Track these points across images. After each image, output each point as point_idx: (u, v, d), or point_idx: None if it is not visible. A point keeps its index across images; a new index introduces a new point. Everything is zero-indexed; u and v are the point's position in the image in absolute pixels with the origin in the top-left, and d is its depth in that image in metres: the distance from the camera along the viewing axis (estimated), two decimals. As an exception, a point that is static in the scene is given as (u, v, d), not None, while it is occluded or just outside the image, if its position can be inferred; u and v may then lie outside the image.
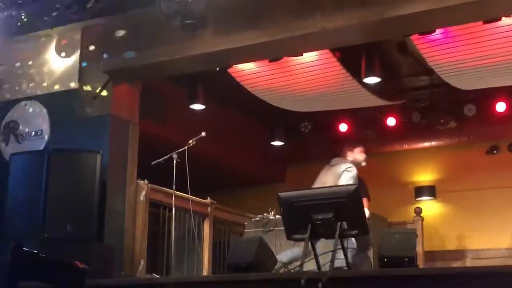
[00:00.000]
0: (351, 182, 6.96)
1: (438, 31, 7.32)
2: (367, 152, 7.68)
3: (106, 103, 7.48)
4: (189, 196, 7.37)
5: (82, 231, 6.68)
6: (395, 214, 9.93)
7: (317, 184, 7.25)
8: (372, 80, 8.45)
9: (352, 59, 8.25)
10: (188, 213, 7.63)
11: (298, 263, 5.17)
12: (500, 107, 9.91)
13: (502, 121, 9.99)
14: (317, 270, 5.16)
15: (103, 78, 7.49)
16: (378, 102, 9.40)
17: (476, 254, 10.11)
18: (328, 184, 6.92)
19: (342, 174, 7.14)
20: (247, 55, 7.35)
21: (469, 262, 10.08)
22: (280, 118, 10.91)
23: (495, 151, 10.70)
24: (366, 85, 8.66)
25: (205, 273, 8.19)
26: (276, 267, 5.83)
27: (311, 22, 6.41)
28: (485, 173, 10.48)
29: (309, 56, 7.96)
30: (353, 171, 7.17)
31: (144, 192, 7.53)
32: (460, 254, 10.36)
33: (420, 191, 11.10)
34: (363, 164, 7.36)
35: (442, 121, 10.26)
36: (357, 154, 7.40)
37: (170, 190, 7.14)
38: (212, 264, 8.46)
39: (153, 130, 8.94)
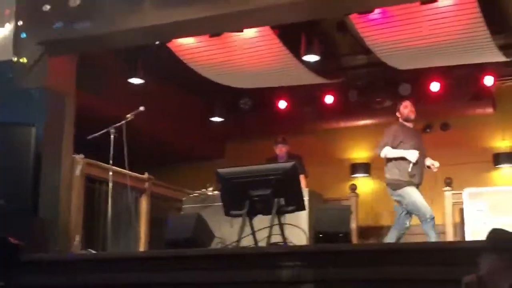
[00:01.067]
0: (385, 138, 7.12)
1: (376, 10, 7.43)
2: (308, 128, 7.75)
3: (42, 75, 7.30)
4: (126, 171, 7.32)
5: (16, 205, 6.55)
6: (331, 190, 10.08)
7: None
8: (311, 58, 8.53)
9: (292, 37, 8.31)
10: (125, 188, 7.57)
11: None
12: (434, 86, 10.14)
13: (435, 101, 10.23)
14: (254, 246, 5.22)
15: (38, 50, 7.31)
16: (317, 80, 9.49)
17: (408, 230, 10.36)
18: None
19: None
20: (188, 29, 7.29)
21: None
22: (220, 94, 10.91)
23: (428, 130, 10.94)
24: (305, 63, 8.74)
25: (142, 248, 8.16)
26: (213, 242, 5.86)
27: (254, -3, 6.40)
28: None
29: (250, 32, 7.97)
30: (390, 128, 7.27)
31: (80, 167, 7.42)
32: (392, 230, 10.60)
33: (356, 168, 11.30)
34: (412, 116, 7.25)
35: (378, 99, 10.44)
36: (402, 110, 7.29)
37: (107, 165, 7.07)
38: (149, 239, 8.44)
39: (90, 103, 8.78)
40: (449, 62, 8.98)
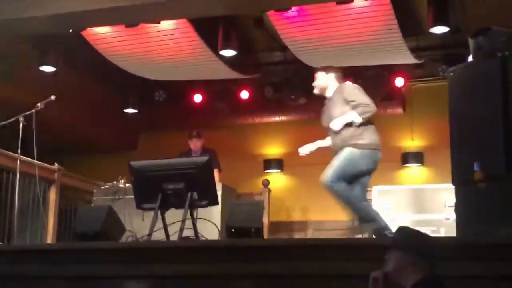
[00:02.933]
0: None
1: (293, 8, 7.52)
2: (222, 123, 7.54)
3: None
4: (35, 161, 7.12)
5: None
6: (244, 185, 10.12)
7: None
8: (228, 53, 8.55)
9: (210, 30, 8.29)
10: (33, 178, 7.37)
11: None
12: (346, 86, 10.34)
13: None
14: (165, 240, 5.19)
15: None
16: (233, 75, 9.53)
17: (318, 225, 10.56)
18: None
19: None
20: (102, 18, 7.18)
21: (310, 233, 10.51)
22: (135, 86, 10.77)
23: (340, 129, 11.17)
24: (222, 57, 8.74)
25: (49, 241, 7.97)
26: (124, 236, 5.78)
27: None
28: (329, 148, 10.92)
29: (167, 24, 7.91)
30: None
31: (-14, 156, 7.18)
32: (303, 225, 10.78)
33: (269, 163, 11.41)
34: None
35: (293, 97, 10.56)
36: None
37: (15, 154, 6.86)
38: (57, 232, 8.25)
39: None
40: (362, 62, 9.19)
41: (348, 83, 6.30)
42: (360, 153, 5.93)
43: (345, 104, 5.93)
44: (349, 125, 5.91)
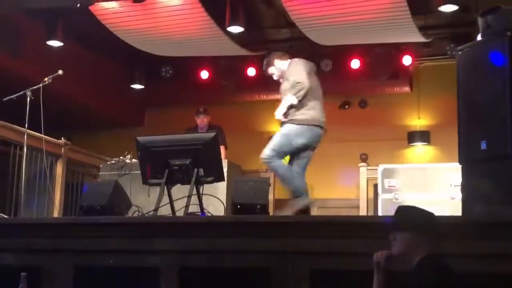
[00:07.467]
0: None
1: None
2: (229, 100, 7.48)
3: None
4: (42, 135, 7.14)
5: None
6: (249, 162, 10.11)
7: None
8: (235, 29, 8.52)
9: (217, 6, 8.26)
10: (40, 152, 7.40)
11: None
12: (355, 64, 10.32)
13: (355, 78, 10.43)
14: (171, 215, 5.21)
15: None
16: (240, 51, 9.49)
17: (323, 203, 10.57)
18: None
19: None
20: (110, -7, 7.14)
21: (315, 211, 10.52)
22: (141, 61, 10.76)
23: (346, 106, 11.16)
24: (229, 34, 8.71)
25: (56, 215, 8.01)
26: (130, 211, 5.81)
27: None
28: (336, 126, 10.80)
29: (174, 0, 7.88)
30: None
31: (-7, 129, 7.20)
32: (308, 203, 10.77)
33: (275, 141, 11.39)
34: None
35: (299, 74, 10.51)
36: None
37: (22, 129, 6.87)
38: (64, 206, 8.29)
39: (7, 64, 8.52)
40: (370, 40, 9.15)
41: (293, 60, 6.38)
42: (297, 129, 6.09)
43: (287, 82, 6.17)
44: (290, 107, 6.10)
